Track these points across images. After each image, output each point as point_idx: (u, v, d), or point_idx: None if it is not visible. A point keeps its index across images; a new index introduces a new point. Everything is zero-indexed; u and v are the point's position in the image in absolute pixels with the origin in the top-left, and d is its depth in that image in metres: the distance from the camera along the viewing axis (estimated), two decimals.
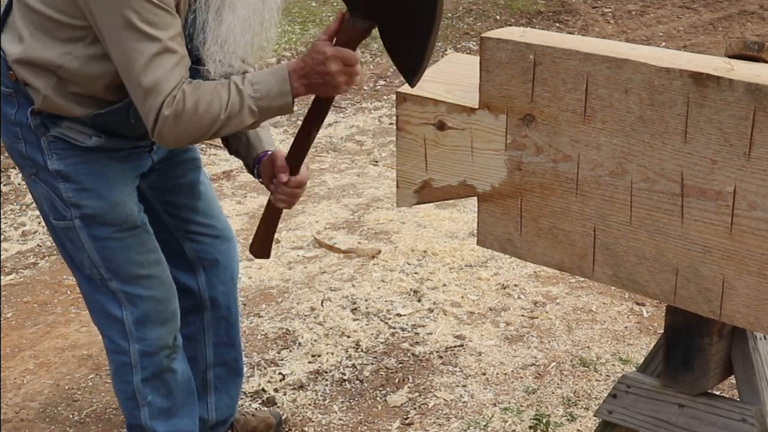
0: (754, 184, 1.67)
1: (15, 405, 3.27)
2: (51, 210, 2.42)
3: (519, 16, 8.79)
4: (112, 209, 2.39)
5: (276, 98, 2.22)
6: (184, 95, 2.16)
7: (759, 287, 1.71)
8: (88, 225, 2.39)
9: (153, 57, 2.11)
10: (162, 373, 2.57)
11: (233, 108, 2.20)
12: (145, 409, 2.60)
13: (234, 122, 2.22)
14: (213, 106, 2.18)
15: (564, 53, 1.84)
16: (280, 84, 2.21)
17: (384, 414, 3.15)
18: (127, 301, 2.48)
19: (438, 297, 3.86)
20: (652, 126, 1.76)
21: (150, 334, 2.51)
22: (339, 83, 2.23)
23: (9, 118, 2.35)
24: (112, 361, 2.59)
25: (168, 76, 2.13)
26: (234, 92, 2.20)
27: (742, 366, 1.95)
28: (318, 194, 5.03)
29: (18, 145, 2.38)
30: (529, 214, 1.99)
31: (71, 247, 2.45)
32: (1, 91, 2.34)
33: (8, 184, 5.32)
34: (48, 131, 2.32)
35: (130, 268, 2.45)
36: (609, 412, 2.12)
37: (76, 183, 2.36)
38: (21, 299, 4.01)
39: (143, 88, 2.14)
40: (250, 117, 2.23)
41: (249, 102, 2.21)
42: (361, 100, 6.83)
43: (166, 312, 2.53)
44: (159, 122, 2.16)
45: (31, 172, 2.40)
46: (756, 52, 1.77)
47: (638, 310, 3.74)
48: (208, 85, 2.20)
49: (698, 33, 8.34)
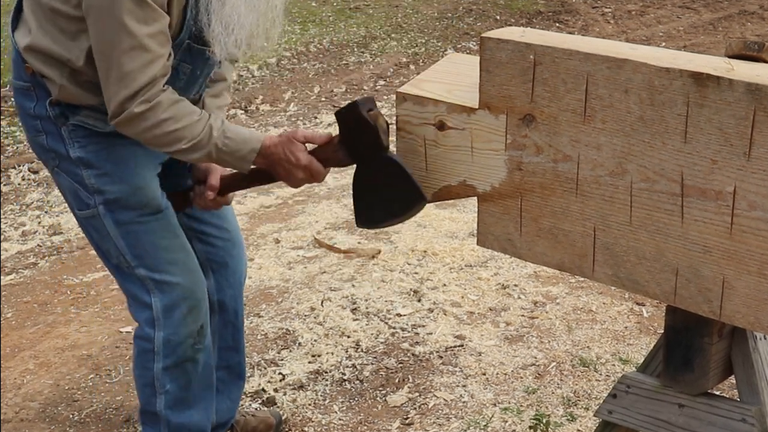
0: (754, 184, 1.67)
1: (15, 405, 3.27)
2: (75, 200, 2.45)
3: (519, 16, 8.79)
4: (135, 193, 2.41)
5: (237, 160, 2.32)
6: (159, 105, 2.20)
7: (759, 287, 1.71)
8: (112, 210, 2.41)
9: (127, 50, 2.14)
10: (184, 362, 2.56)
11: (198, 145, 2.27)
12: (162, 397, 2.59)
13: (189, 155, 2.29)
14: (181, 132, 2.24)
15: (564, 53, 1.84)
16: (247, 152, 2.31)
17: (384, 414, 3.15)
18: (155, 287, 2.49)
19: (438, 297, 3.86)
20: (652, 126, 1.76)
21: (176, 322, 2.51)
22: (297, 185, 2.35)
23: (29, 112, 2.39)
24: (136, 345, 2.59)
25: (138, 72, 2.16)
26: (206, 133, 2.27)
27: (742, 366, 1.95)
28: (318, 194, 5.03)
29: (39, 138, 2.40)
30: (529, 214, 1.99)
31: (97, 237, 2.48)
32: (19, 86, 2.37)
33: (8, 184, 5.32)
34: (68, 120, 2.35)
35: (156, 253, 2.46)
36: (609, 412, 2.12)
37: (98, 168, 2.39)
38: (21, 299, 4.01)
39: (113, 76, 2.17)
40: (205, 158, 2.30)
41: (213, 149, 2.28)
42: None
43: (193, 299, 2.53)
44: (124, 114, 2.19)
45: (54, 165, 2.43)
46: (756, 52, 1.77)
47: (638, 310, 3.74)
48: (187, 110, 2.25)
49: (698, 33, 8.34)
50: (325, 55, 7.76)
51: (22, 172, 5.47)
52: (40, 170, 5.48)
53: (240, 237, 2.82)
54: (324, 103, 6.76)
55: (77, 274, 4.21)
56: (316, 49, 7.90)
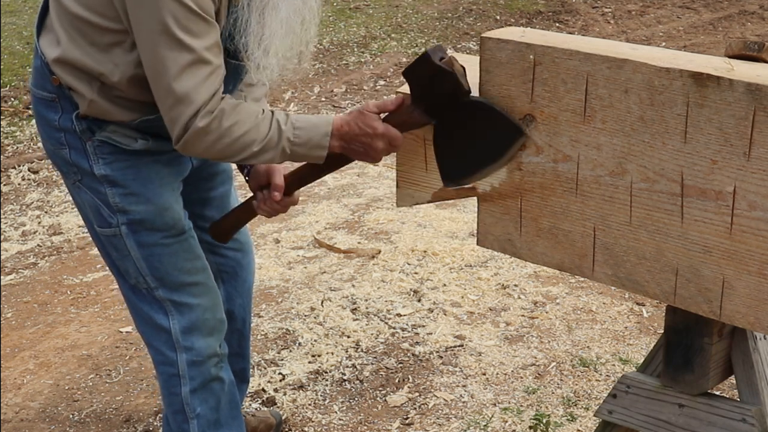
0: (754, 184, 1.67)
1: (15, 405, 3.27)
2: (96, 217, 2.36)
3: (519, 16, 8.79)
4: (160, 214, 2.33)
5: (311, 149, 2.20)
6: (223, 114, 2.11)
7: (759, 287, 1.71)
8: (135, 231, 2.33)
9: (186, 66, 2.05)
10: (210, 382, 2.51)
11: (269, 144, 2.17)
12: (194, 422, 2.53)
13: (264, 156, 2.19)
14: (250, 135, 2.14)
15: (564, 53, 1.84)
16: (320, 138, 2.19)
17: (384, 414, 3.15)
18: (174, 309, 2.42)
19: (438, 297, 3.86)
20: (652, 126, 1.76)
21: (197, 343, 2.45)
22: (377, 157, 2.21)
23: (52, 124, 2.28)
24: (160, 372, 2.52)
25: (200, 86, 2.07)
26: (275, 129, 2.17)
27: (742, 366, 1.95)
28: (318, 194, 5.03)
29: (62, 151, 2.31)
30: (529, 214, 1.99)
31: (116, 256, 2.39)
32: (42, 96, 2.28)
33: (8, 184, 5.32)
34: (93, 135, 2.26)
35: (178, 275, 2.39)
36: (609, 412, 2.12)
37: (124, 188, 2.30)
38: (21, 299, 4.01)
39: (174, 97, 2.08)
40: (281, 157, 2.20)
41: (285, 144, 2.18)
42: (361, 100, 6.83)
43: (213, 320, 2.47)
44: (189, 132, 2.10)
45: (76, 179, 2.33)
46: (756, 52, 1.77)
47: (638, 310, 3.74)
48: (250, 111, 2.16)
49: (698, 33, 8.34)
50: (325, 55, 7.76)
51: (22, 172, 5.46)
52: (39, 170, 5.48)
53: (251, 245, 2.78)
54: (324, 103, 6.76)
55: (77, 274, 4.21)
56: (316, 49, 7.89)
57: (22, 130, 6.11)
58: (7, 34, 8.07)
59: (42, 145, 2.38)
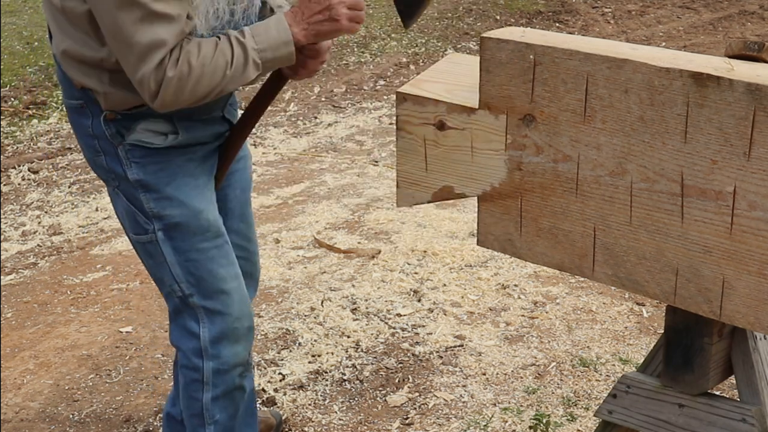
0: (754, 184, 1.67)
1: (15, 405, 3.27)
2: (132, 224, 2.34)
3: (519, 16, 8.79)
4: (196, 216, 2.31)
5: (278, 48, 2.16)
6: (189, 55, 2.07)
7: (759, 287, 1.71)
8: (172, 237, 2.32)
9: (139, 21, 2.01)
10: (233, 391, 2.49)
11: (237, 63, 2.13)
12: (211, 428, 2.51)
13: (238, 78, 2.15)
14: (218, 64, 2.10)
15: (564, 53, 1.84)
16: (280, 33, 2.15)
17: (384, 414, 3.15)
18: (206, 317, 2.39)
19: (438, 297, 3.86)
20: (652, 126, 1.76)
21: (224, 352, 2.42)
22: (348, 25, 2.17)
23: (87, 131, 2.28)
24: (183, 375, 2.50)
25: (158, 38, 2.03)
26: (237, 46, 2.13)
27: (742, 366, 1.95)
28: (318, 194, 5.03)
29: (98, 158, 2.30)
30: (529, 214, 1.99)
31: (152, 263, 2.38)
32: (72, 105, 2.27)
33: (8, 184, 5.32)
34: (124, 140, 2.25)
35: (213, 282, 2.36)
36: (609, 412, 2.12)
37: (158, 192, 2.28)
38: (21, 299, 4.01)
39: (135, 54, 2.04)
40: (254, 70, 2.16)
41: (253, 54, 2.14)
42: (361, 100, 6.83)
43: (242, 329, 2.44)
44: (163, 86, 2.06)
45: (115, 185, 2.32)
46: (756, 52, 1.77)
47: (638, 310, 3.74)
48: (208, 42, 2.12)
49: (698, 33, 8.34)
50: None
51: (22, 172, 5.46)
52: (39, 170, 5.48)
53: (258, 256, 2.76)
54: (324, 103, 6.76)
55: (77, 274, 4.21)
56: None
57: (22, 130, 6.11)
58: (7, 34, 8.07)
59: (83, 156, 2.37)
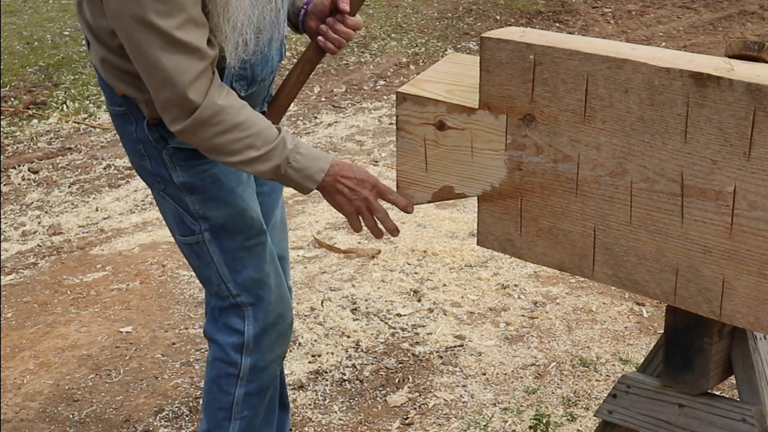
0: (754, 184, 1.67)
1: (15, 405, 3.27)
2: (179, 226, 2.36)
3: (519, 16, 8.79)
4: (240, 215, 2.33)
5: (303, 178, 2.19)
6: (233, 108, 2.07)
7: (759, 287, 1.71)
8: (218, 237, 2.34)
9: (160, 49, 1.98)
10: (266, 389, 2.51)
11: (270, 155, 2.13)
12: (236, 423, 2.51)
13: (259, 166, 2.14)
14: (254, 139, 2.11)
15: (564, 53, 1.84)
16: (315, 171, 2.19)
17: (384, 414, 3.15)
18: (252, 314, 2.41)
19: (438, 297, 3.86)
20: (652, 126, 1.76)
21: (265, 348, 2.45)
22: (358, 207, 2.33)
23: (131, 136, 2.28)
24: (214, 368, 2.49)
25: (181, 68, 2.01)
26: (280, 143, 2.14)
27: (742, 366, 1.95)
28: (318, 194, 5.03)
29: (144, 162, 2.31)
30: (529, 214, 1.99)
31: (199, 264, 2.39)
32: (115, 111, 2.27)
33: (8, 184, 5.32)
34: (167, 143, 2.26)
35: (259, 279, 2.39)
36: (609, 412, 2.12)
37: (203, 193, 2.30)
38: (21, 299, 4.01)
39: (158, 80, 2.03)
40: (272, 172, 2.16)
41: (283, 162, 2.14)
42: (361, 100, 6.83)
43: (284, 326, 2.47)
44: (190, 120, 2.05)
45: (160, 188, 2.34)
46: (756, 52, 1.77)
47: (638, 310, 3.74)
48: (255, 114, 2.13)
49: (698, 33, 8.34)
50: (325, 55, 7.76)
51: (22, 172, 5.46)
52: (39, 170, 5.48)
53: (288, 266, 2.75)
54: (324, 103, 6.76)
55: (77, 274, 4.21)
56: None
57: (22, 130, 6.11)
58: (7, 34, 8.07)
59: (129, 161, 2.36)
